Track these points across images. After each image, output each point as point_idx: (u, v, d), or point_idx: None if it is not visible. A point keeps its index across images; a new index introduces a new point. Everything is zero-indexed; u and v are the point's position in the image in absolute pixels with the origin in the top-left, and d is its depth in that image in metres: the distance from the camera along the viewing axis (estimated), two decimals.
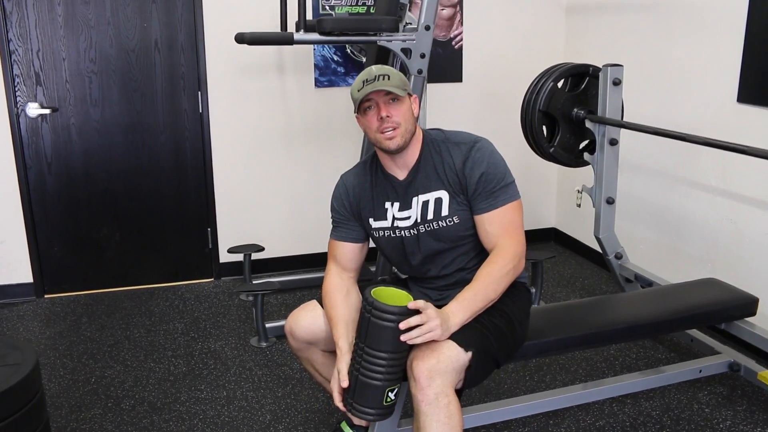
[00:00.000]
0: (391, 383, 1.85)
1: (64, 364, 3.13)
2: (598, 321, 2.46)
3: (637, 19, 3.69)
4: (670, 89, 3.47)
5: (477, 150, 2.05)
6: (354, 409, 1.88)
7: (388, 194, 2.14)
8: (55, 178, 3.80)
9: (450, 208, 2.05)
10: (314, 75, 4.05)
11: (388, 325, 1.79)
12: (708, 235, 3.30)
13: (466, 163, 2.04)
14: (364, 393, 1.85)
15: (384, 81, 1.97)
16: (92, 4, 3.65)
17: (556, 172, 4.65)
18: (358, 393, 1.86)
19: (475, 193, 2.02)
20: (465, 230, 2.07)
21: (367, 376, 1.83)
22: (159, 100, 3.85)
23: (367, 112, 2.03)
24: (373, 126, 2.03)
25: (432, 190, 2.08)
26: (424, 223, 2.08)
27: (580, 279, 4.09)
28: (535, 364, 3.05)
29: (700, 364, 2.77)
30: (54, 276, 3.92)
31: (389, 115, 1.99)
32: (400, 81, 2.01)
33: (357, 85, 2.01)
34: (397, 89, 1.98)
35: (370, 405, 1.86)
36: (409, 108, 2.04)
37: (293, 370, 3.05)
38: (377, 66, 2.03)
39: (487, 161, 2.03)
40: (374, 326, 1.81)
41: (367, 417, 1.89)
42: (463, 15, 4.24)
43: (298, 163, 4.15)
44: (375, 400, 1.85)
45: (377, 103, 2.00)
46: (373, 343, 1.82)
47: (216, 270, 4.17)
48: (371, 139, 2.07)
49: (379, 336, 1.81)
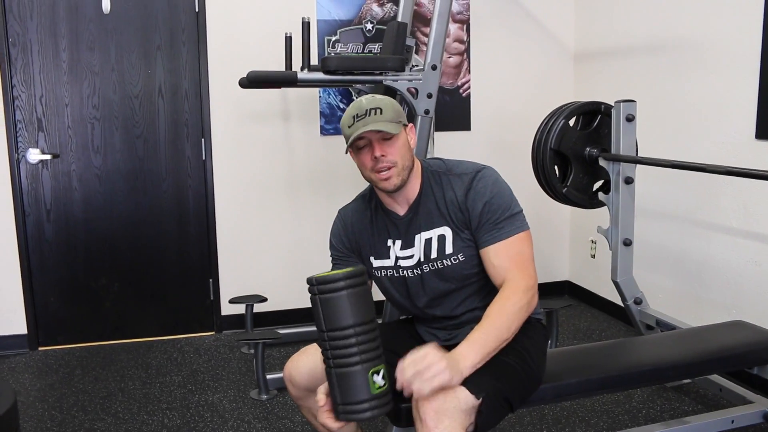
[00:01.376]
0: (370, 363, 1.63)
1: (51, 416, 2.96)
2: (620, 363, 2.28)
3: (647, 60, 3.63)
4: (684, 128, 3.38)
5: (479, 180, 1.91)
6: (345, 412, 1.65)
7: (389, 231, 2.00)
8: (54, 226, 3.71)
9: (454, 246, 1.91)
10: (320, 123, 3.99)
11: (339, 295, 1.61)
12: (732, 279, 3.14)
13: (468, 194, 1.90)
14: (347, 387, 1.63)
15: (376, 116, 1.82)
16: (97, 50, 3.64)
17: (568, 222, 4.53)
18: (341, 391, 1.64)
19: (479, 226, 1.88)
20: (471, 268, 1.92)
21: (342, 365, 1.63)
22: (162, 147, 3.79)
23: (361, 151, 1.89)
24: (367, 165, 1.89)
25: (434, 226, 1.93)
26: (428, 263, 1.94)
27: (597, 331, 3.90)
28: (553, 416, 2.85)
29: (731, 413, 2.57)
30: (49, 327, 3.78)
31: (384, 155, 1.85)
32: (394, 113, 1.86)
33: (347, 121, 1.86)
34: (389, 125, 1.83)
35: (359, 398, 1.63)
36: (405, 143, 1.90)
37: (294, 423, 2.86)
38: (367, 98, 1.87)
39: (490, 191, 1.89)
40: (326, 303, 1.62)
41: (361, 414, 1.65)
42: (471, 63, 4.21)
43: (302, 212, 4.05)
44: (361, 390, 1.63)
45: (370, 140, 1.86)
46: (332, 323, 1.62)
47: (217, 323, 4.02)
48: (366, 178, 1.93)
49: (334, 312, 1.61)
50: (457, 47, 4.17)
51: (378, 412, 1.68)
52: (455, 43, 4.16)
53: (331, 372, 1.66)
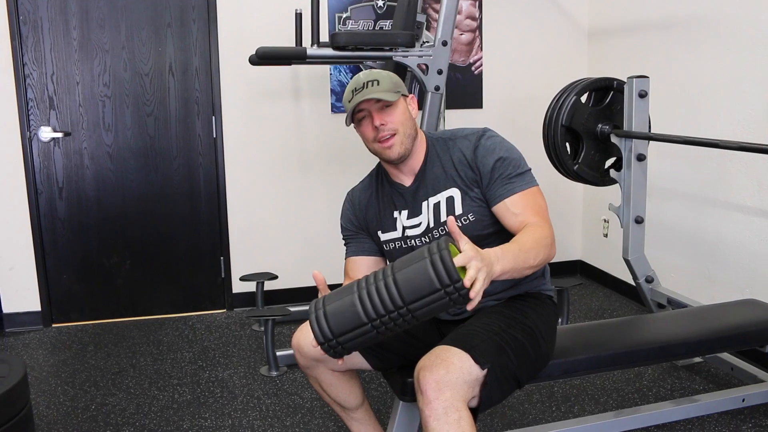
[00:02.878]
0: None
1: (64, 391, 2.99)
2: (630, 340, 2.26)
3: (661, 36, 3.57)
4: (698, 105, 3.32)
5: (487, 138, 1.92)
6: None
7: (395, 203, 2.00)
8: (66, 204, 3.73)
9: (464, 206, 1.90)
10: (331, 100, 3.97)
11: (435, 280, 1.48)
12: (745, 258, 3.10)
13: (476, 151, 1.90)
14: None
15: (373, 87, 1.84)
16: (107, 28, 3.63)
17: (581, 201, 4.50)
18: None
19: (490, 182, 1.87)
20: (483, 229, 1.91)
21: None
22: (172, 125, 3.79)
23: (362, 122, 1.91)
24: (369, 136, 1.91)
25: (441, 190, 1.93)
26: (438, 227, 1.93)
27: (608, 310, 3.88)
28: (562, 394, 2.84)
29: (743, 392, 2.55)
30: (62, 305, 3.81)
31: (384, 123, 1.87)
32: (391, 84, 1.88)
33: (347, 96, 1.90)
34: (387, 94, 1.85)
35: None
36: (405, 110, 1.91)
37: (303, 399, 2.87)
38: (365, 72, 1.90)
39: (500, 147, 1.90)
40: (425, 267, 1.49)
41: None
42: (483, 40, 4.16)
43: (313, 189, 4.04)
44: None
45: (370, 111, 1.88)
46: (411, 292, 1.51)
47: (228, 300, 4.03)
48: (370, 150, 1.95)
49: (419, 282, 1.49)
50: (469, 24, 4.13)
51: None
52: (467, 20, 4.11)
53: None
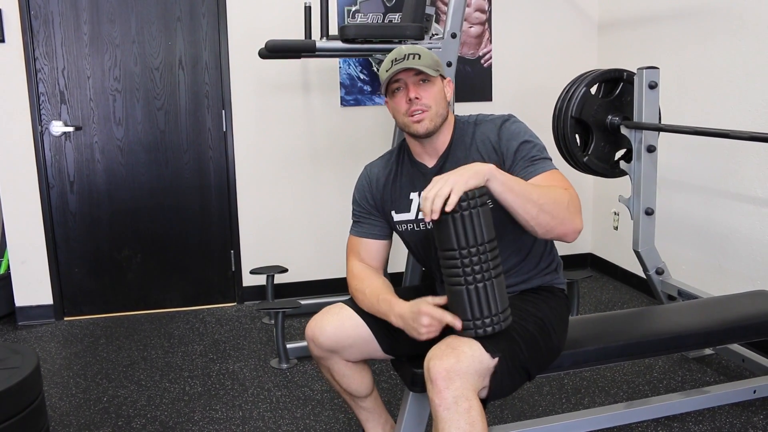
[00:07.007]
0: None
1: (77, 383, 3.01)
2: (640, 331, 2.25)
3: (672, 27, 3.55)
4: (709, 96, 3.30)
5: (512, 123, 1.93)
6: (500, 321, 1.66)
7: (415, 184, 1.99)
8: (78, 198, 3.75)
9: None
10: (340, 94, 3.98)
11: (489, 206, 1.63)
12: (756, 250, 3.08)
13: (501, 134, 1.90)
14: (502, 294, 1.65)
15: (414, 60, 1.85)
16: (117, 22, 3.65)
17: (591, 194, 4.48)
18: (500, 299, 1.65)
19: (514, 163, 1.86)
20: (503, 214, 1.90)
21: (498, 274, 1.64)
22: (183, 119, 3.81)
23: (396, 93, 1.91)
24: (401, 108, 1.90)
25: None
26: None
27: (618, 303, 3.87)
28: (572, 386, 2.84)
29: (754, 383, 2.54)
30: (74, 298, 3.84)
31: (418, 97, 1.86)
32: (432, 61, 1.89)
33: (386, 65, 1.89)
34: (428, 69, 1.85)
35: (507, 304, 1.68)
36: (440, 90, 1.92)
37: (314, 391, 2.88)
38: (408, 45, 1.91)
39: (524, 132, 1.90)
40: (485, 214, 1.61)
41: (508, 321, 1.69)
42: (492, 33, 4.15)
43: (323, 183, 4.05)
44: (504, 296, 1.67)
45: (406, 83, 1.88)
46: (491, 233, 1.62)
47: (239, 294, 4.05)
48: (399, 123, 1.95)
49: (489, 222, 1.62)
50: (479, 17, 4.12)
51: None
52: (476, 13, 4.10)
53: (481, 286, 1.62)
